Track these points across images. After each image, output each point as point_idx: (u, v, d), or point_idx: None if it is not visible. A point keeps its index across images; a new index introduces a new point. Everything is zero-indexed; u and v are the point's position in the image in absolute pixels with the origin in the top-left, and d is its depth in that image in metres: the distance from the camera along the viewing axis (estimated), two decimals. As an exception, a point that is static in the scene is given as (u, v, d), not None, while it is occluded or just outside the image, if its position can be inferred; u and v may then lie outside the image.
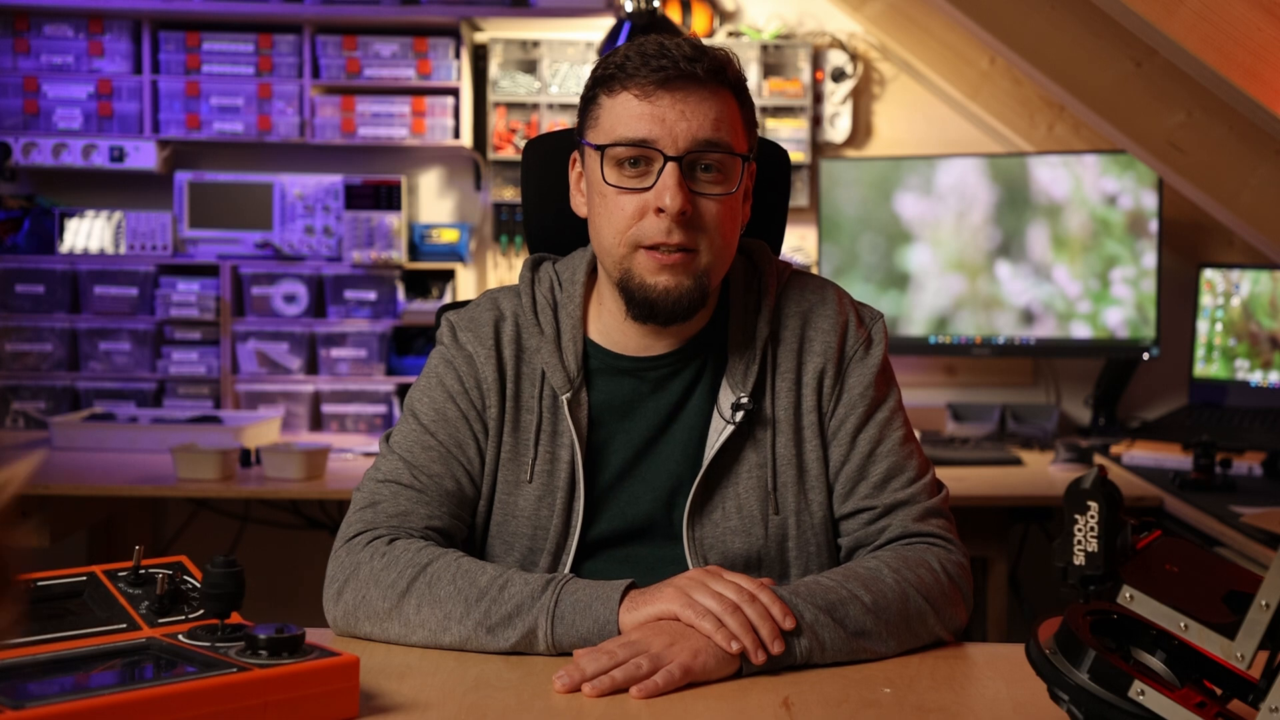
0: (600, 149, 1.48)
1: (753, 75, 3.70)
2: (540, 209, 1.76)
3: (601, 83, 1.51)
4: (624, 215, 1.48)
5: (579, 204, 1.58)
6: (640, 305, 1.49)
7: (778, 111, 3.71)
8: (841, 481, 1.54)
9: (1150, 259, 3.47)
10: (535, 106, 3.71)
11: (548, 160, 1.76)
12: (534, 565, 1.53)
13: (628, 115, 1.48)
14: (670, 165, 1.46)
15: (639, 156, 1.47)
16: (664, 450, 1.55)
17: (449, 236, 3.72)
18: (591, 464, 1.54)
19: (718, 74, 1.48)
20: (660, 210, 1.46)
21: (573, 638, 1.35)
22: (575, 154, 1.58)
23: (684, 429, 1.55)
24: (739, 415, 1.51)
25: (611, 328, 1.57)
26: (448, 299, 3.63)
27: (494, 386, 1.54)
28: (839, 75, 3.72)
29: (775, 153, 1.74)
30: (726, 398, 1.54)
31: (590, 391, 1.56)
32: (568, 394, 1.53)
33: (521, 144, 3.69)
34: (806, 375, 1.55)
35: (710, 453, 1.52)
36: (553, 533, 1.52)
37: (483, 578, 1.39)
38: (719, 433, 1.52)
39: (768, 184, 1.70)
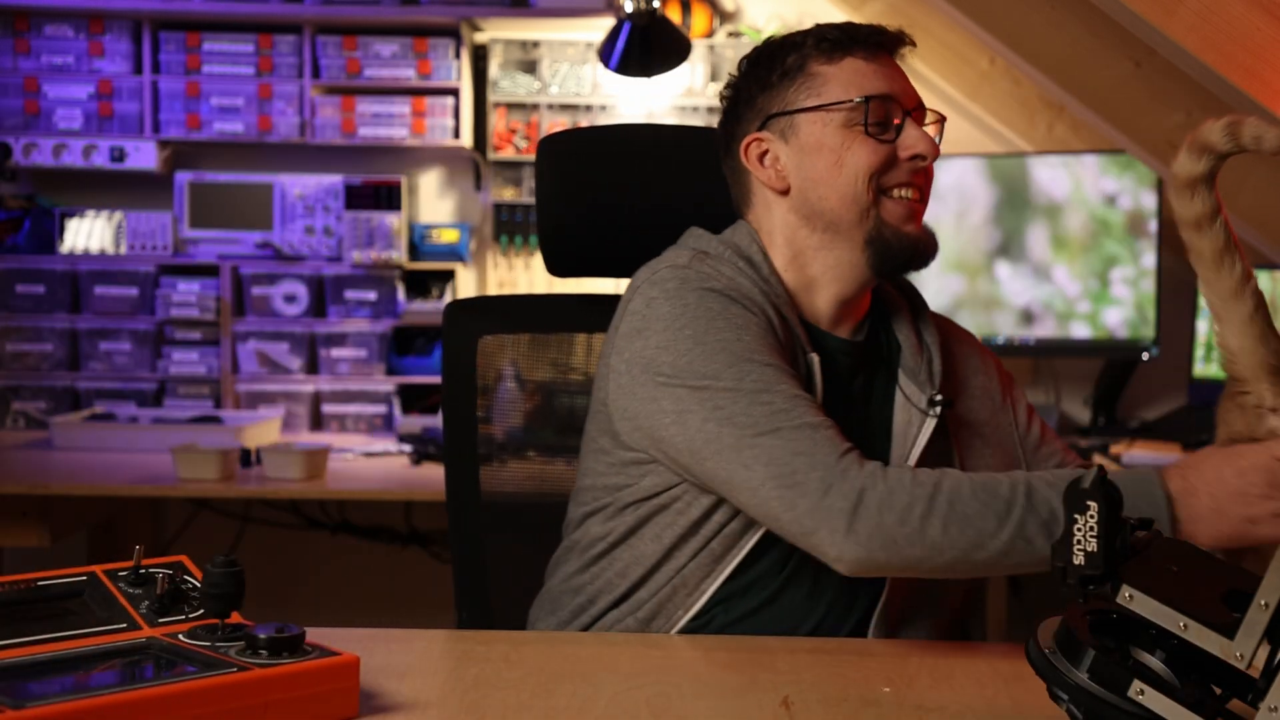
0: (854, 104, 1.53)
1: (753, 75, 3.70)
2: (563, 207, 1.76)
3: (811, 55, 1.56)
4: (875, 160, 1.54)
5: (772, 180, 1.57)
6: (899, 252, 1.55)
7: (778, 111, 3.70)
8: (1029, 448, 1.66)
9: (1150, 259, 3.47)
10: (535, 107, 3.71)
11: (567, 159, 1.77)
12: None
13: (864, 74, 1.55)
14: (911, 117, 1.56)
15: (885, 111, 1.55)
16: (874, 429, 1.58)
17: (449, 237, 3.72)
18: None
19: (904, 45, 1.60)
20: (914, 156, 1.55)
21: None
22: (753, 138, 1.58)
23: (875, 418, 1.58)
24: (938, 409, 1.56)
25: (809, 304, 1.58)
26: (448, 299, 3.63)
27: (781, 332, 1.52)
28: (839, 75, 3.72)
29: None
30: (913, 393, 1.58)
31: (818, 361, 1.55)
32: (815, 355, 1.53)
33: (522, 144, 3.70)
34: (976, 382, 1.68)
35: (919, 446, 1.55)
36: None
37: (1002, 488, 1.37)
38: (917, 426, 1.56)
39: None
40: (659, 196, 1.76)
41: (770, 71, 1.58)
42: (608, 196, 1.77)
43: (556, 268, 1.79)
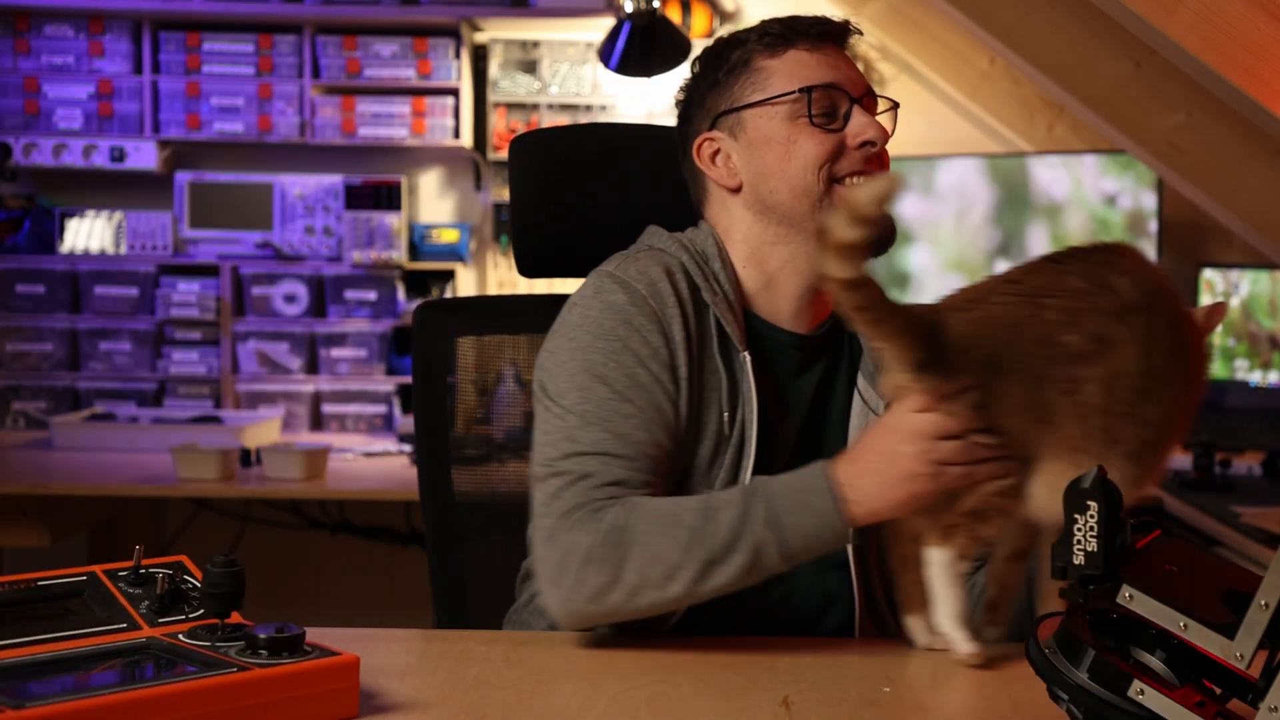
0: (797, 94, 1.52)
1: (753, 75, 3.70)
2: (533, 206, 1.75)
3: (755, 50, 1.56)
4: (822, 151, 1.52)
5: (724, 178, 1.57)
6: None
7: (778, 111, 3.70)
8: None
9: (1150, 259, 3.46)
10: (535, 106, 3.71)
11: (538, 158, 1.75)
12: None
13: (807, 65, 1.54)
14: (857, 105, 1.54)
15: (830, 100, 1.53)
16: (829, 430, 1.58)
17: (449, 236, 3.72)
18: (772, 425, 1.54)
19: (849, 34, 1.60)
20: (864, 144, 1.52)
21: (800, 541, 1.36)
22: (704, 138, 1.58)
23: (834, 416, 1.58)
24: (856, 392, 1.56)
25: (769, 301, 1.57)
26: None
27: (682, 344, 1.51)
28: (839, 75, 3.72)
29: None
30: (870, 395, 1.56)
31: (756, 357, 1.55)
32: (747, 354, 1.53)
33: (521, 144, 3.70)
34: None
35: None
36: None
37: (685, 515, 1.37)
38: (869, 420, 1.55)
39: None
40: (631, 196, 1.75)
41: (717, 69, 1.58)
42: (580, 196, 1.76)
43: (527, 268, 1.77)
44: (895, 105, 1.60)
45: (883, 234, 1.49)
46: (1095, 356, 1.29)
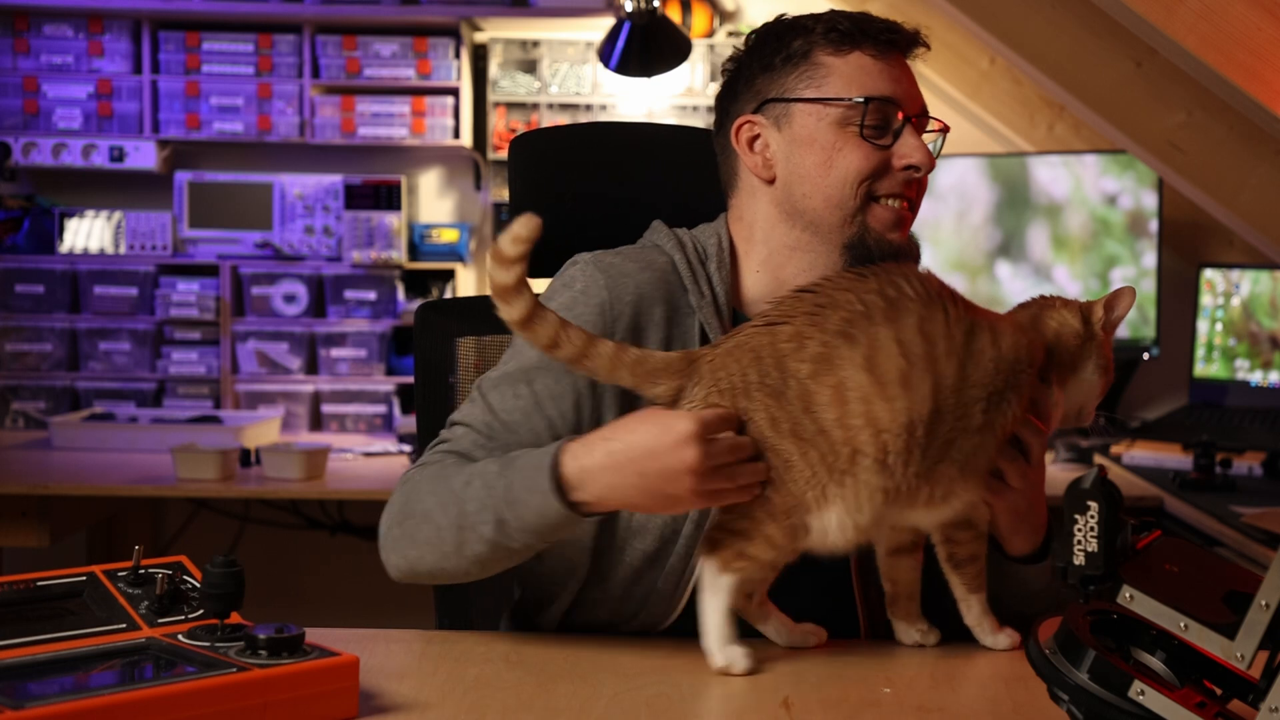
0: (853, 103, 1.47)
1: (753, 75, 3.69)
2: (533, 205, 1.75)
3: (818, 44, 1.50)
4: (866, 166, 1.48)
5: (759, 167, 1.53)
6: (879, 260, 1.47)
7: (778, 111, 3.70)
8: None
9: (1150, 259, 3.47)
10: (535, 106, 3.71)
11: (538, 157, 1.75)
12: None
13: (869, 73, 1.50)
14: (910, 124, 1.50)
15: (884, 114, 1.49)
16: None
17: (449, 236, 3.72)
18: None
19: (918, 46, 1.55)
20: (908, 167, 1.49)
21: (532, 519, 1.34)
22: (746, 120, 1.53)
23: None
24: None
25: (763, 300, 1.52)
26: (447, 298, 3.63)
27: (650, 331, 1.50)
28: (839, 75, 3.72)
29: None
30: None
31: None
32: None
33: (521, 144, 3.69)
34: None
35: None
36: None
37: (455, 479, 1.40)
38: None
39: None
40: (632, 194, 1.75)
41: (774, 53, 1.52)
42: (579, 195, 1.75)
43: (528, 268, 1.77)
44: (945, 129, 1.58)
45: (912, 252, 1.50)
46: (818, 374, 1.31)
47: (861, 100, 1.48)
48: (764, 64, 1.52)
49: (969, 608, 1.43)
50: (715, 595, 1.34)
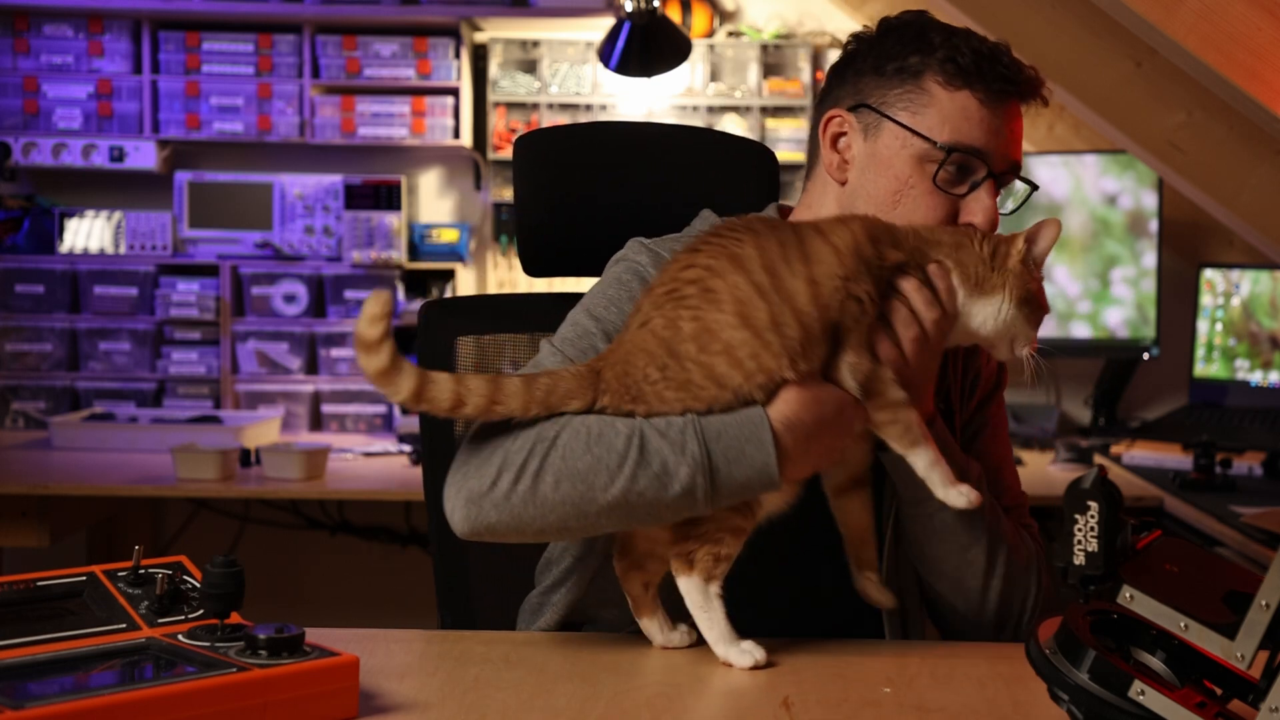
0: (939, 146, 1.44)
1: (752, 75, 3.70)
2: (536, 205, 1.75)
3: (932, 69, 1.46)
4: (931, 213, 1.46)
5: (833, 166, 1.51)
6: None
7: (777, 112, 3.71)
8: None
9: (1150, 259, 3.47)
10: (535, 106, 3.71)
11: (542, 157, 1.75)
12: None
13: (970, 119, 1.45)
14: (989, 181, 1.47)
15: (967, 164, 1.46)
16: None
17: (449, 236, 3.72)
18: None
19: (1036, 96, 1.49)
20: (969, 224, 1.46)
21: (733, 488, 1.30)
22: (837, 114, 1.51)
23: None
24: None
25: None
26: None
27: None
28: (839, 75, 3.72)
29: (759, 152, 1.77)
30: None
31: None
32: None
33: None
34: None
35: None
36: None
37: (618, 440, 1.30)
38: None
39: (742, 184, 1.71)
40: (636, 194, 1.75)
41: (891, 59, 1.48)
42: (584, 195, 1.76)
43: (532, 267, 1.77)
44: (1034, 188, 1.56)
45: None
46: (706, 346, 1.32)
47: (946, 147, 1.44)
48: (877, 65, 1.49)
49: (916, 460, 1.39)
50: (709, 607, 1.35)
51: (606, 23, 3.50)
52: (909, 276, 1.39)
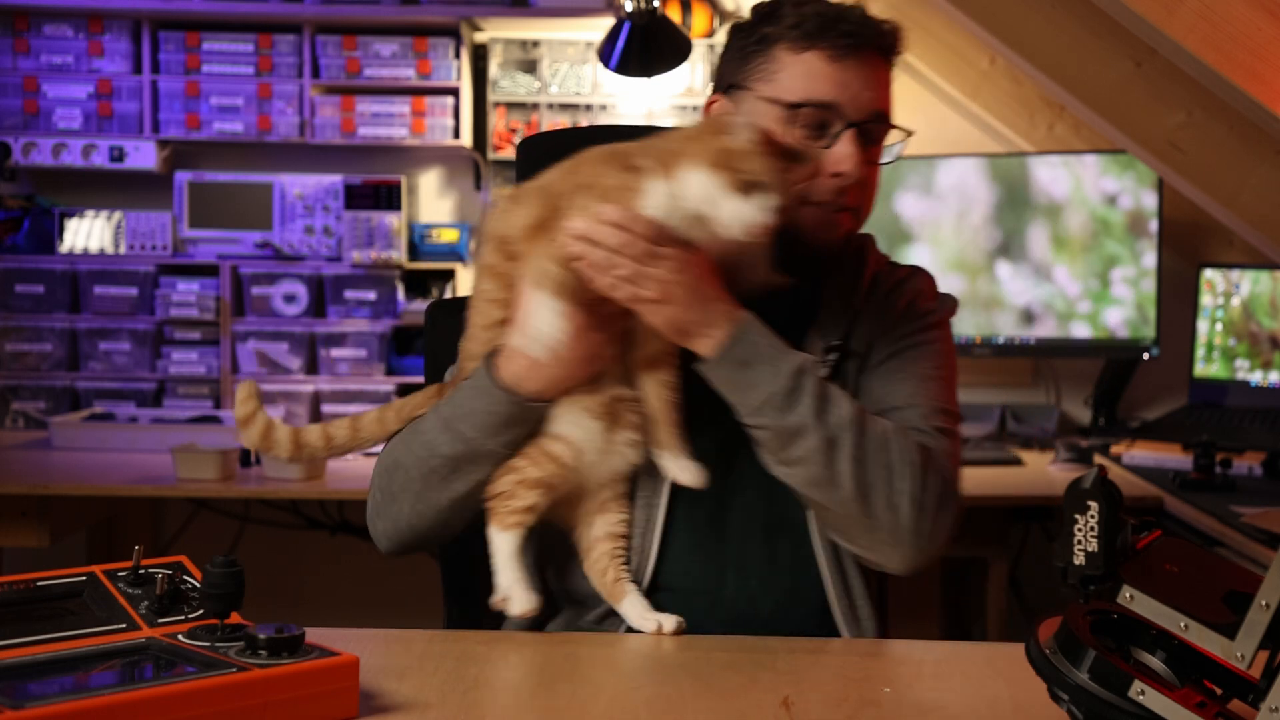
0: (789, 105, 1.51)
1: (753, 75, 3.70)
2: None
3: (781, 37, 1.53)
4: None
5: None
6: (795, 251, 1.52)
7: (778, 111, 3.70)
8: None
9: (1150, 259, 3.47)
10: (535, 106, 3.71)
11: (544, 159, 1.76)
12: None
13: (815, 76, 1.51)
14: (849, 131, 1.51)
15: (821, 118, 1.52)
16: None
17: (449, 236, 3.72)
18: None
19: (894, 49, 1.55)
20: (837, 175, 1.51)
21: (476, 422, 1.47)
22: (715, 98, 1.59)
23: None
24: (832, 356, 1.57)
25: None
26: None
27: None
28: (839, 75, 3.72)
29: None
30: (815, 344, 1.58)
31: None
32: None
33: (521, 144, 3.69)
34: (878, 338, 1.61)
35: None
36: None
37: (417, 425, 1.53)
38: None
39: None
40: None
41: (746, 36, 1.57)
42: None
43: None
44: (909, 134, 1.59)
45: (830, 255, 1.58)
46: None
47: (795, 104, 1.50)
48: (740, 47, 1.57)
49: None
50: (501, 554, 1.48)
51: (606, 23, 3.50)
52: (571, 219, 1.44)
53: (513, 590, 1.47)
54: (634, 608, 1.50)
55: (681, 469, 1.48)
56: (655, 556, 1.54)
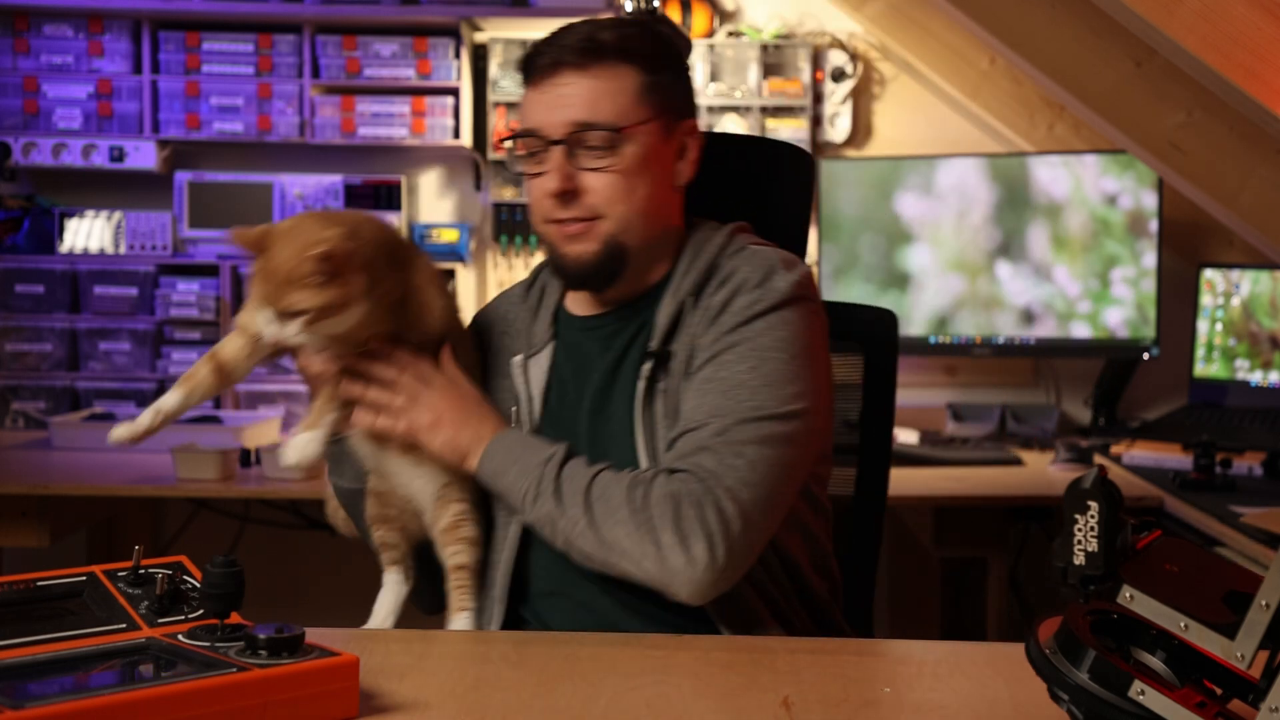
0: (500, 144, 1.65)
1: (753, 75, 3.70)
2: None
3: (522, 82, 1.68)
4: (534, 197, 1.62)
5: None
6: (561, 272, 1.63)
7: (778, 111, 3.71)
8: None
9: (1150, 259, 3.47)
10: (535, 106, 3.70)
11: None
12: None
13: (526, 108, 1.64)
14: (553, 149, 1.58)
15: (529, 147, 1.61)
16: (616, 397, 1.62)
17: (449, 236, 3.72)
18: (559, 406, 1.65)
19: (599, 53, 1.59)
20: (548, 193, 1.59)
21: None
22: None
23: (626, 379, 1.62)
24: (646, 365, 1.58)
25: (575, 295, 1.70)
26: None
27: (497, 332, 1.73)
28: (839, 75, 3.72)
29: (795, 154, 1.80)
30: (640, 363, 1.61)
31: (559, 348, 1.68)
32: (519, 356, 1.67)
33: (521, 144, 3.69)
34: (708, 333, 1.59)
35: (637, 403, 1.58)
36: None
37: None
38: (631, 382, 1.60)
39: (786, 185, 1.72)
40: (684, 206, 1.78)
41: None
42: None
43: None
44: (615, 128, 1.57)
45: (577, 270, 1.63)
46: None
47: (511, 137, 1.64)
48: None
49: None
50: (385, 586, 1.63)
51: (606, 23, 3.50)
52: None
53: (385, 623, 1.60)
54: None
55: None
56: (513, 562, 1.59)
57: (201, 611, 1.27)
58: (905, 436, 3.39)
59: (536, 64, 1.61)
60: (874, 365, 1.85)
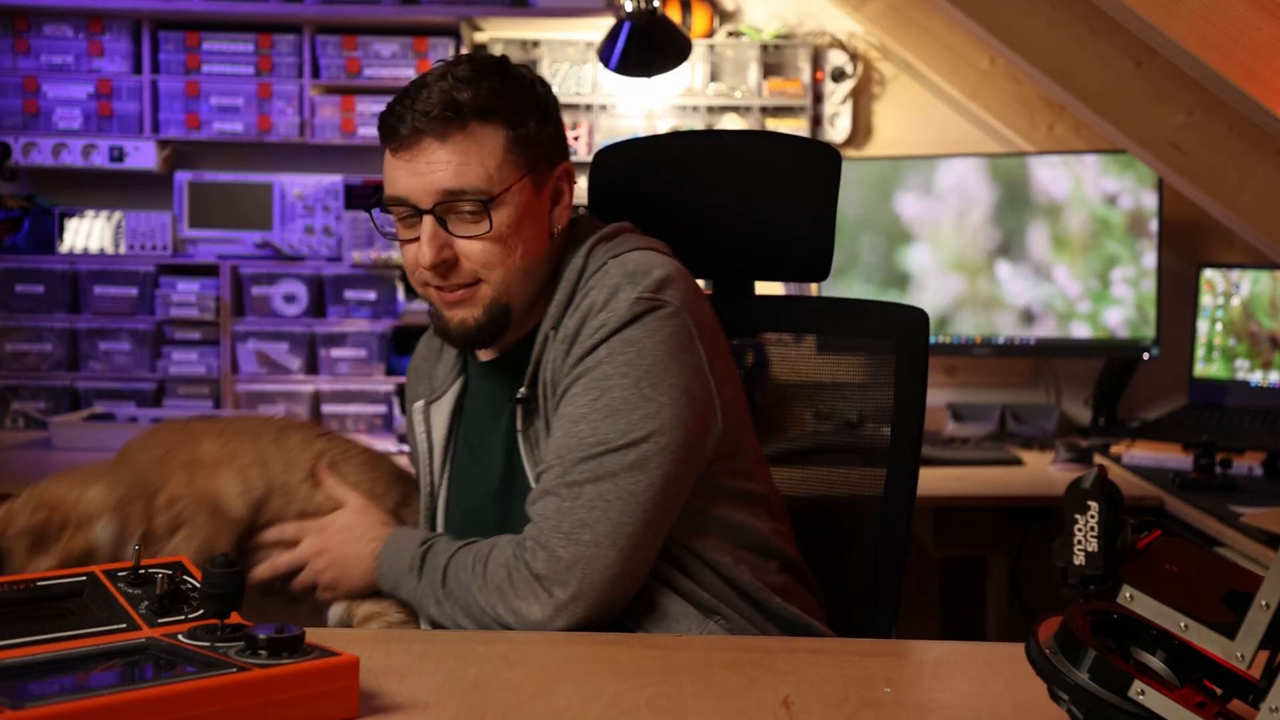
0: (367, 212, 1.63)
1: (753, 75, 3.70)
2: (609, 217, 1.73)
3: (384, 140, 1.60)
4: (409, 263, 1.58)
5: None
6: (445, 336, 1.62)
7: (778, 111, 3.71)
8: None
9: (1150, 259, 3.47)
10: (535, 106, 3.70)
11: (620, 168, 1.78)
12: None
13: (390, 173, 1.57)
14: (425, 219, 1.54)
15: (399, 215, 1.57)
16: (492, 443, 1.65)
17: (449, 236, 3.72)
18: (468, 450, 1.68)
19: (460, 118, 1.54)
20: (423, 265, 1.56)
21: None
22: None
23: (502, 436, 1.65)
24: (517, 409, 1.59)
25: None
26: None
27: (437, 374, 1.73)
28: (839, 75, 3.72)
29: (825, 152, 1.79)
30: (512, 405, 1.62)
31: (468, 391, 1.69)
32: (420, 402, 1.70)
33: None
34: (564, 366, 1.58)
35: (522, 448, 1.59)
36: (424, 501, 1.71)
37: None
38: (506, 424, 1.63)
39: (809, 185, 1.72)
40: (711, 201, 1.79)
41: None
42: (664, 203, 1.79)
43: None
44: (487, 200, 1.53)
45: (455, 335, 1.61)
46: None
47: (375, 206, 1.59)
48: None
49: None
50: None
51: (606, 23, 3.50)
52: None
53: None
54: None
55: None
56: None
57: (201, 611, 1.27)
58: (905, 436, 3.39)
59: (398, 132, 1.55)
60: (905, 365, 1.81)
